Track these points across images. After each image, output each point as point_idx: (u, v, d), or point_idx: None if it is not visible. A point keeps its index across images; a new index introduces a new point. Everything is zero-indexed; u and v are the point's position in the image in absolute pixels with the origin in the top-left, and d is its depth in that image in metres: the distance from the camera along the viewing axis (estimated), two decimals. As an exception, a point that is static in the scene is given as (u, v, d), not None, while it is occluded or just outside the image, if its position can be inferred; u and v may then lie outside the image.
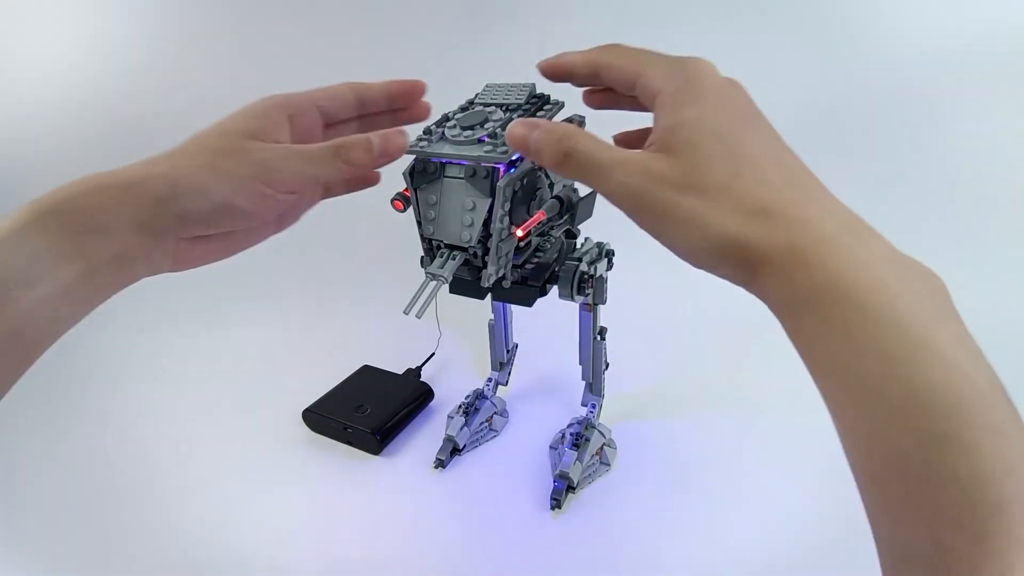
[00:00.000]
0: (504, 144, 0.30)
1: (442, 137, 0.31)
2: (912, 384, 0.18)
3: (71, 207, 0.25)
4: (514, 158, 0.31)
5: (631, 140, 0.29)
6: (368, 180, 0.33)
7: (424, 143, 0.31)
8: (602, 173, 0.23)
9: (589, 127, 0.38)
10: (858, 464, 0.20)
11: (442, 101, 0.34)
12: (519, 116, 0.31)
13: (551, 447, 0.51)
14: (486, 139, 0.30)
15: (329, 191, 0.33)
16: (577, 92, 0.29)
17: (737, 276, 0.22)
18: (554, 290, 0.40)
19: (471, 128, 0.30)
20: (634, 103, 0.26)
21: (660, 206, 0.22)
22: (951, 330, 0.19)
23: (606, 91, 0.29)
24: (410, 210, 0.34)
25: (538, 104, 0.32)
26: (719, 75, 0.24)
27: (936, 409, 0.18)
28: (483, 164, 0.31)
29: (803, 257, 0.20)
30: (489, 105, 0.32)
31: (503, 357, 0.55)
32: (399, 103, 0.31)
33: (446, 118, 0.33)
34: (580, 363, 0.50)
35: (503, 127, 0.30)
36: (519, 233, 0.31)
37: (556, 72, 0.28)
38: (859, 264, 0.20)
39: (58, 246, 0.25)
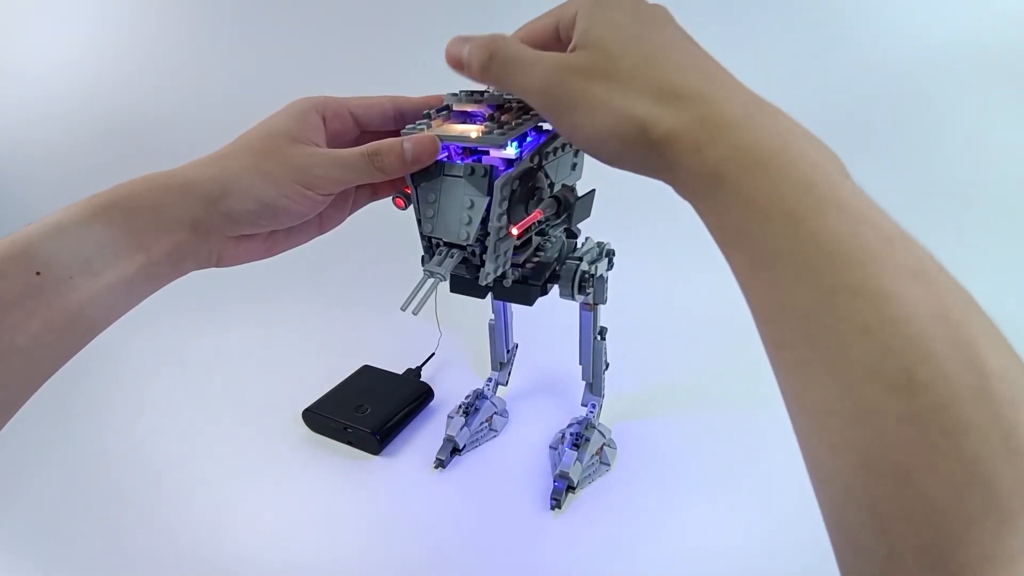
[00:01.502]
0: (502, 129, 0.30)
1: (443, 109, 0.32)
2: (818, 239, 0.17)
3: (134, 204, 0.27)
4: (512, 157, 0.31)
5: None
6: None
7: (422, 126, 0.31)
8: (522, 70, 0.24)
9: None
10: (767, 336, 0.20)
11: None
12: (519, 106, 0.31)
13: (551, 447, 0.51)
14: (484, 120, 0.30)
15: (376, 193, 0.35)
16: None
17: (649, 161, 0.22)
18: (554, 290, 0.40)
19: (471, 92, 0.31)
20: None
21: (572, 95, 0.23)
22: (854, 189, 0.19)
23: None
24: (411, 208, 0.34)
25: None
26: None
27: (844, 261, 0.17)
28: (482, 162, 0.31)
29: (711, 131, 0.20)
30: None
31: (503, 357, 0.55)
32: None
33: (448, 108, 0.34)
34: (580, 363, 0.50)
35: (503, 110, 0.30)
36: (515, 232, 0.31)
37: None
38: (765, 131, 0.20)
39: (122, 239, 0.26)
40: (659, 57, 0.22)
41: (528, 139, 0.32)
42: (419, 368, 0.62)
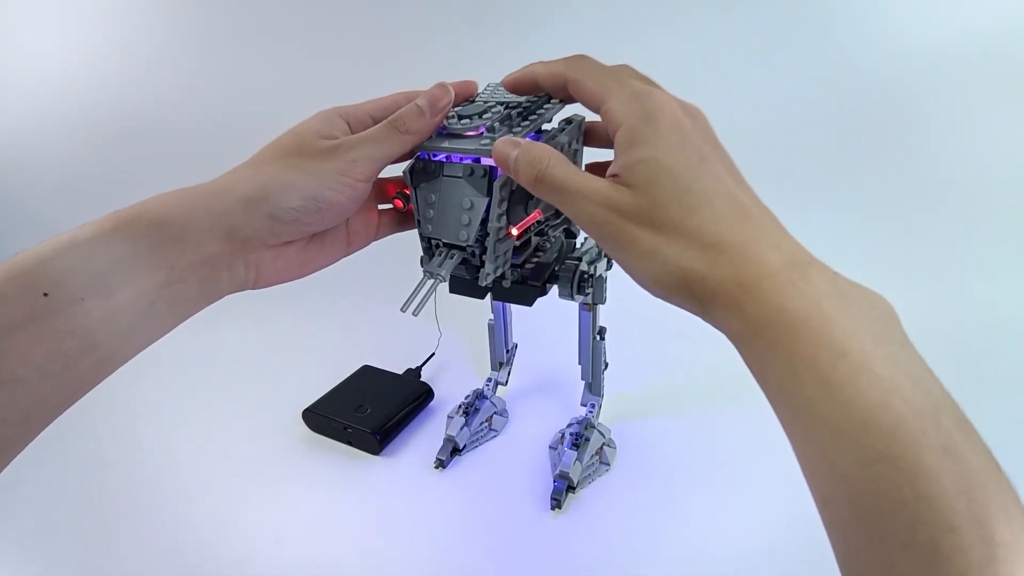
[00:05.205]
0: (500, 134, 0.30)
1: (443, 131, 0.31)
2: (850, 408, 0.19)
3: (161, 216, 0.25)
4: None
5: (597, 168, 0.31)
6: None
7: None
8: (570, 200, 0.25)
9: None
10: (812, 487, 0.21)
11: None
12: (517, 113, 0.31)
13: (551, 447, 0.51)
14: (484, 131, 0.30)
15: (403, 223, 0.36)
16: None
17: (692, 307, 0.24)
18: (554, 290, 0.40)
19: (468, 117, 0.31)
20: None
21: (621, 237, 0.24)
22: (891, 353, 0.20)
23: None
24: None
25: (538, 103, 0.32)
26: (678, 110, 0.24)
27: (875, 430, 0.18)
28: (481, 163, 0.31)
29: (750, 291, 0.21)
30: (489, 101, 0.32)
31: (503, 357, 0.55)
32: (454, 105, 0.32)
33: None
34: (580, 363, 0.50)
35: (500, 121, 0.30)
36: (514, 232, 0.31)
37: (522, 86, 0.30)
38: (800, 296, 0.21)
39: (144, 254, 0.24)
40: (702, 207, 0.23)
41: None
42: (419, 368, 0.62)
